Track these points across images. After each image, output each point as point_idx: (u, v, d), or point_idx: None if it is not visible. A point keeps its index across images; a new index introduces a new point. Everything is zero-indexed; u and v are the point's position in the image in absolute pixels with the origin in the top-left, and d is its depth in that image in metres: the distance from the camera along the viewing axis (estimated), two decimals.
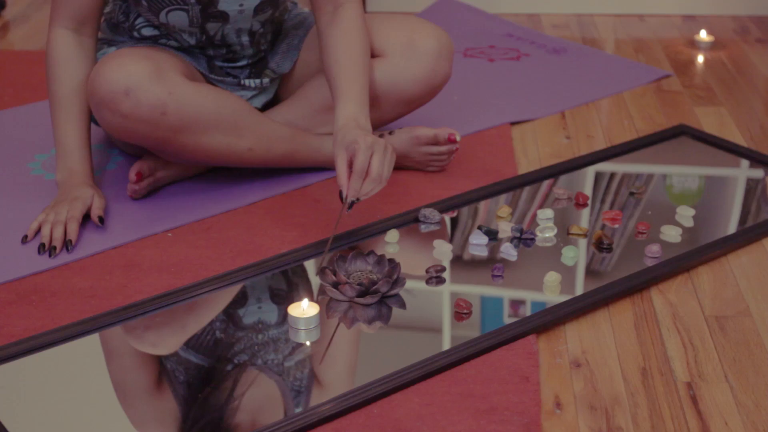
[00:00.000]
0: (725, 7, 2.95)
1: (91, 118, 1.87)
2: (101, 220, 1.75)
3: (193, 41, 1.85)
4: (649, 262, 1.67)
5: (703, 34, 2.70)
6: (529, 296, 1.63)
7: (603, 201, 1.89)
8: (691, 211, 1.82)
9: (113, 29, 1.91)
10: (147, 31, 1.87)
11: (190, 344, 1.50)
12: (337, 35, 1.76)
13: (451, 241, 1.76)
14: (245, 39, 1.88)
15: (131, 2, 1.83)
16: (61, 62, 1.80)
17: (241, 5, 1.80)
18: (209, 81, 1.90)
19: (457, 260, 1.71)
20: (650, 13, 2.96)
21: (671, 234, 1.76)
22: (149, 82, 1.70)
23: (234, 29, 1.85)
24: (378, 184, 1.58)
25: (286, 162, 1.91)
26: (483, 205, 1.87)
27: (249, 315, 1.56)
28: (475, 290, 1.64)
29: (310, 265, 1.68)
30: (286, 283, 1.65)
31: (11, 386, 1.41)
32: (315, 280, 1.64)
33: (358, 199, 1.57)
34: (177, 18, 1.80)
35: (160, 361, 1.46)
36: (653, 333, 1.52)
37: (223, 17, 1.81)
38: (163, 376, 1.43)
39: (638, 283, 1.61)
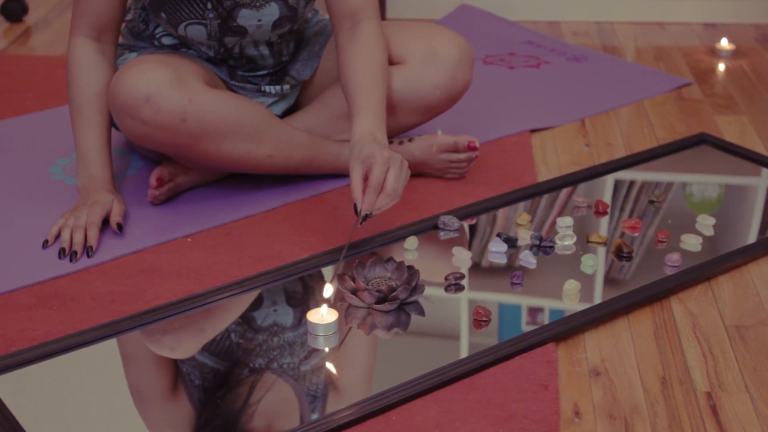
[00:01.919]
0: (746, 16, 2.94)
1: (112, 124, 1.88)
2: (120, 227, 1.76)
3: (211, 53, 1.86)
4: (669, 271, 1.67)
5: (724, 43, 2.69)
6: (548, 304, 1.62)
7: (622, 209, 1.88)
8: (712, 220, 1.81)
9: (135, 36, 1.92)
10: (167, 40, 1.88)
11: (206, 347, 1.50)
12: (355, 51, 1.76)
13: (470, 248, 1.76)
14: (265, 50, 1.89)
15: (151, 13, 1.84)
16: (82, 70, 1.81)
17: (259, 20, 1.81)
18: (230, 87, 1.91)
19: (476, 267, 1.71)
20: (671, 21, 2.95)
21: (691, 243, 1.75)
22: (170, 89, 1.70)
23: (252, 42, 1.85)
24: (392, 199, 1.58)
25: (306, 168, 1.92)
26: (502, 213, 1.86)
27: (264, 318, 1.56)
28: (493, 298, 1.64)
29: (329, 272, 1.68)
30: (302, 286, 1.65)
31: (31, 390, 1.41)
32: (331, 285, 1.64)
33: (371, 214, 1.57)
34: (195, 31, 1.80)
35: (176, 365, 1.47)
36: (673, 342, 1.51)
37: (242, 32, 1.82)
38: (178, 380, 1.44)
39: (658, 291, 1.60)
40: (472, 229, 1.82)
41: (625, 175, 2.00)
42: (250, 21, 1.81)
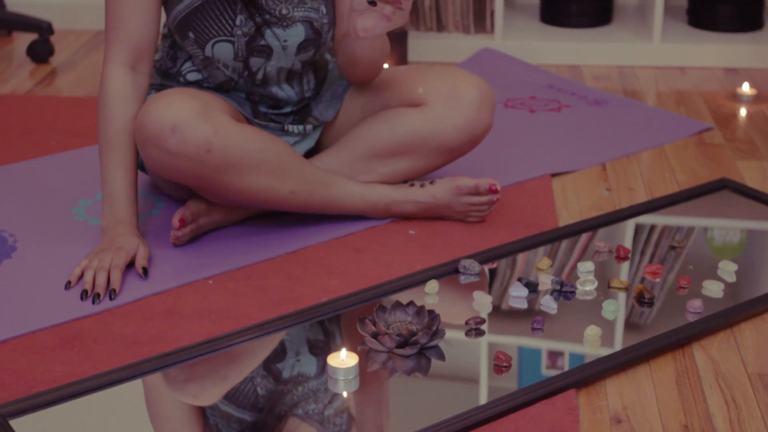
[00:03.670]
0: None
1: (139, 164, 1.89)
2: (145, 271, 1.77)
3: (235, 76, 1.87)
4: (691, 318, 1.66)
5: (745, 87, 2.69)
6: (568, 348, 1.62)
7: (643, 254, 1.88)
8: (734, 266, 1.80)
9: (162, 75, 1.94)
10: (192, 77, 1.90)
11: (231, 398, 1.50)
12: None
13: (490, 292, 1.76)
14: (286, 86, 1.90)
15: (177, 38, 1.86)
16: (117, 104, 1.81)
17: (285, 41, 1.83)
18: (252, 125, 1.92)
19: (497, 312, 1.70)
20: (692, 66, 2.95)
21: (713, 289, 1.74)
22: (196, 120, 1.72)
23: (276, 67, 1.87)
24: None
25: (327, 208, 1.92)
26: (522, 257, 1.86)
27: (289, 369, 1.56)
28: (514, 342, 1.63)
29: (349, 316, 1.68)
30: (324, 334, 1.65)
31: (52, 431, 1.41)
32: (351, 330, 1.64)
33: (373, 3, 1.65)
34: (222, 50, 1.82)
35: (202, 414, 1.46)
36: (695, 390, 1.50)
37: (267, 52, 1.84)
38: (205, 429, 1.44)
39: (680, 338, 1.59)
40: (493, 273, 1.82)
41: (646, 219, 2.00)
42: (277, 41, 1.83)
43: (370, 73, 1.94)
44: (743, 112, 2.61)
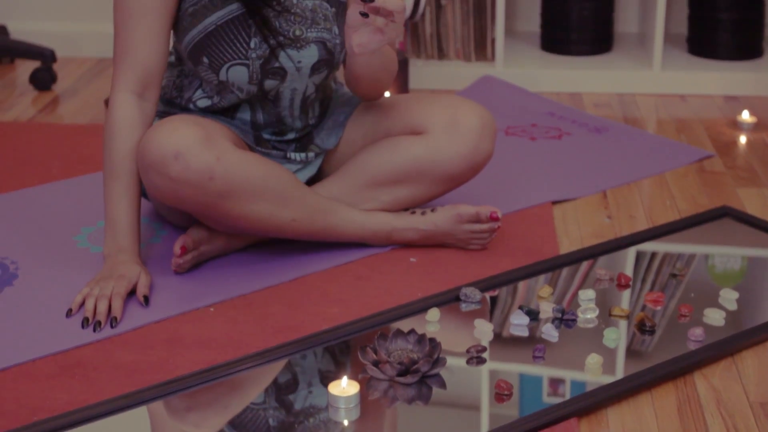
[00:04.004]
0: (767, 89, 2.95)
1: (141, 191, 1.89)
2: (146, 299, 1.77)
3: (249, 96, 1.88)
4: (692, 346, 1.66)
5: (745, 115, 2.70)
6: (569, 376, 1.62)
7: (644, 282, 1.88)
8: (735, 294, 1.80)
9: (166, 103, 1.95)
10: (202, 103, 1.90)
11: (242, 428, 1.49)
12: None
13: (491, 320, 1.76)
14: (297, 107, 1.91)
15: (190, 64, 1.86)
16: (123, 133, 1.81)
17: (299, 62, 1.85)
18: (255, 153, 1.93)
19: (498, 340, 1.70)
20: (692, 93, 2.96)
21: (714, 317, 1.74)
22: (198, 147, 1.72)
23: (290, 89, 1.88)
24: (399, 8, 1.66)
25: (329, 236, 1.93)
26: (523, 285, 1.86)
27: (300, 400, 1.55)
28: (515, 370, 1.63)
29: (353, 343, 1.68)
30: (335, 365, 1.65)
31: None
32: (352, 358, 1.64)
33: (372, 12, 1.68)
34: (237, 74, 1.83)
35: None
36: (697, 418, 1.50)
37: (282, 74, 1.85)
38: None
39: (681, 366, 1.59)
40: (494, 300, 1.82)
41: (647, 247, 2.00)
42: (291, 62, 1.84)
43: (376, 90, 1.95)
44: (743, 139, 2.62)
